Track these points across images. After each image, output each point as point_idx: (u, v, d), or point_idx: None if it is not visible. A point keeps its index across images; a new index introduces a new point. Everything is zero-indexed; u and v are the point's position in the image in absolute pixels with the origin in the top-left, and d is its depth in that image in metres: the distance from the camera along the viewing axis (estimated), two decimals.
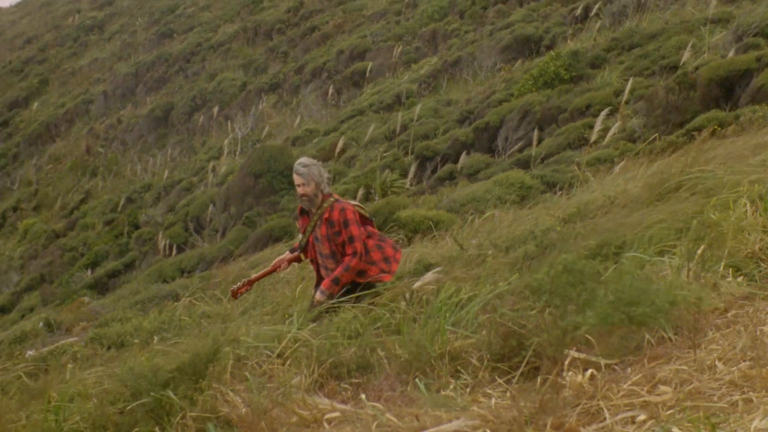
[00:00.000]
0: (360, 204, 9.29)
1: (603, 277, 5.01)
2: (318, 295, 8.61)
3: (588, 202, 11.32)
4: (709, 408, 3.92)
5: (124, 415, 5.28)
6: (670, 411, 4.02)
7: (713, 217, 6.74)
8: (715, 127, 15.67)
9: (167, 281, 24.34)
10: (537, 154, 21.40)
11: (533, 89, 25.67)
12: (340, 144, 28.78)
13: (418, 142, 26.49)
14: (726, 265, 5.89)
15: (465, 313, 5.90)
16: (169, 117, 47.41)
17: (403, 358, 5.43)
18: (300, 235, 9.19)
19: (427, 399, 4.70)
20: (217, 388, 5.41)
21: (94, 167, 46.90)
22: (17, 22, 77.74)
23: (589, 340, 4.76)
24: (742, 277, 5.80)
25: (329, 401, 4.98)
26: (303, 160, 8.84)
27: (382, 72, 38.46)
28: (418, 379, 5.08)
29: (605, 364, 4.67)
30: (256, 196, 27.08)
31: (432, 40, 38.91)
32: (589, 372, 4.54)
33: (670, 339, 4.81)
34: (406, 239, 15.05)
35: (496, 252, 9.35)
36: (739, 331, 4.77)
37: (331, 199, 8.82)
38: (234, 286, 9.82)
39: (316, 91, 40.47)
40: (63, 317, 22.39)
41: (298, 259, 9.42)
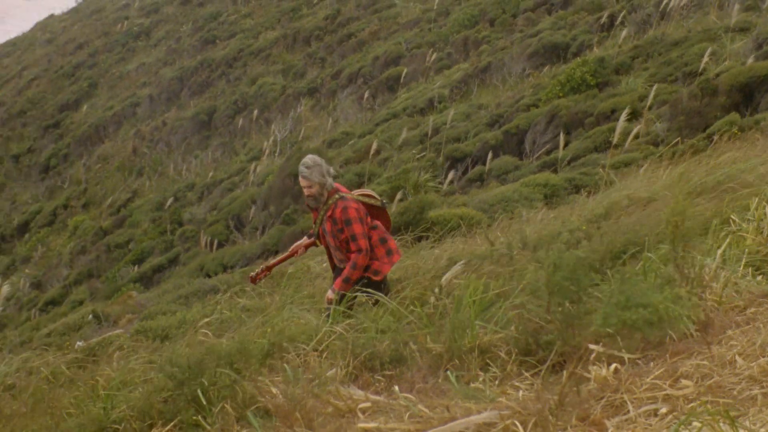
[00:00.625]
0: (368, 192, 9.30)
1: (616, 276, 4.98)
2: (329, 293, 8.62)
3: (613, 203, 11.28)
4: (729, 402, 3.90)
5: (167, 403, 5.30)
6: (691, 404, 4.01)
7: (733, 217, 6.70)
8: (735, 132, 15.59)
9: (209, 276, 24.42)
10: (564, 157, 21.31)
11: (560, 94, 25.59)
12: (375, 146, 28.76)
13: (450, 145, 26.46)
14: (745, 264, 5.86)
15: (494, 309, 5.90)
16: (211, 120, 47.51)
17: (434, 352, 5.43)
18: (313, 225, 9.23)
19: (457, 391, 4.70)
20: (256, 379, 5.42)
21: (140, 167, 47.08)
22: (69, 28, 78.05)
23: (613, 335, 4.74)
24: (761, 276, 5.77)
25: (363, 392, 4.98)
26: (306, 160, 8.86)
27: (416, 77, 38.41)
28: (448, 372, 5.08)
29: (628, 359, 4.66)
30: (294, 196, 27.10)
31: (463, 47, 38.83)
32: (613, 366, 4.53)
33: (692, 335, 4.79)
34: (437, 236, 15.01)
35: (524, 250, 9.32)
36: (758, 328, 4.74)
37: (336, 196, 8.86)
38: (253, 272, 9.90)
39: (352, 96, 40.46)
40: (110, 310, 22.48)
41: (313, 244, 9.56)
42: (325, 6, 53.87)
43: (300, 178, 8.86)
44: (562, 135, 21.99)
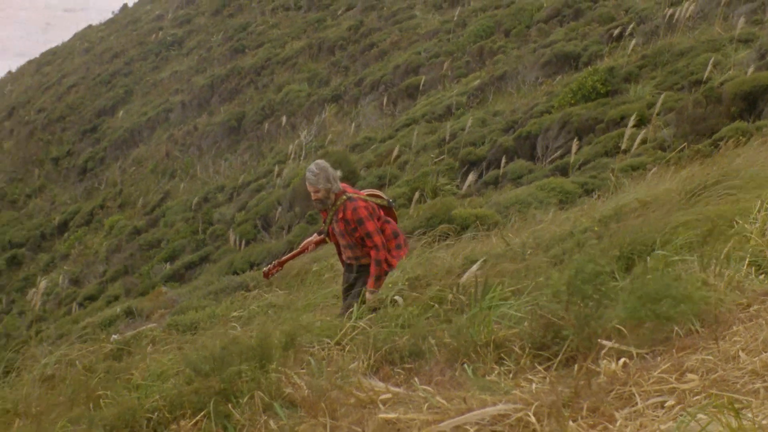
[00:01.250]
0: (376, 192, 9.30)
1: (631, 276, 4.99)
2: (368, 296, 8.60)
3: (622, 205, 11.26)
4: (733, 395, 3.89)
5: (198, 394, 5.31)
6: (697, 397, 4.01)
7: (737, 219, 6.69)
8: (739, 137, 15.56)
9: (238, 273, 24.43)
10: (575, 161, 21.30)
11: (572, 102, 25.56)
12: (395, 151, 28.78)
13: (466, 149, 26.45)
14: (749, 263, 5.85)
15: (509, 306, 5.90)
16: (240, 125, 47.58)
17: (451, 346, 5.43)
18: (323, 223, 9.25)
19: (473, 383, 4.70)
20: (282, 371, 5.43)
21: (172, 170, 47.19)
22: (106, 38, 78.35)
23: (622, 331, 4.75)
24: (764, 275, 5.77)
25: (384, 384, 4.98)
26: (312, 167, 8.85)
27: (434, 85, 38.39)
28: (465, 365, 5.08)
29: (637, 354, 4.66)
30: None
31: (480, 56, 38.80)
32: (622, 360, 4.53)
33: (697, 331, 4.78)
34: (455, 235, 15.00)
35: (537, 249, 9.32)
36: (761, 325, 4.74)
37: (343, 197, 8.85)
38: (265, 267, 9.92)
39: (373, 102, 40.46)
40: (144, 305, 22.54)
41: (323, 241, 9.59)
42: (348, 17, 53.90)
43: (307, 184, 8.88)
44: (574, 140, 22.00)
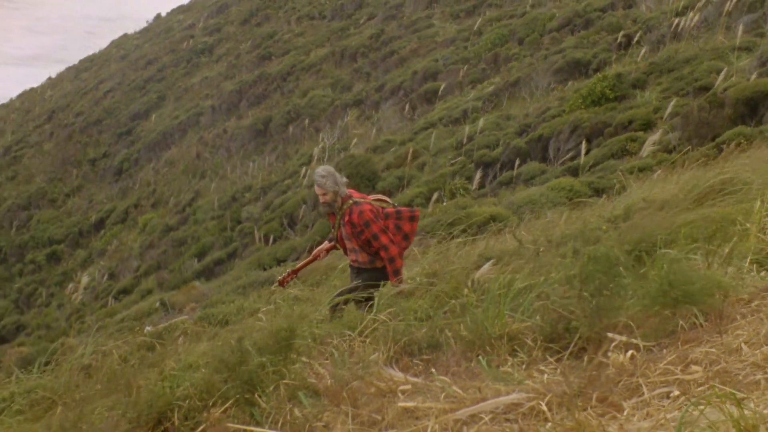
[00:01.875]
0: (382, 197, 9.26)
1: (643, 269, 4.98)
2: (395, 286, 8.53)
3: (630, 205, 11.22)
4: (735, 386, 3.89)
5: (227, 383, 5.33)
6: (701, 388, 4.01)
7: (739, 218, 6.68)
8: (741, 141, 15.50)
9: (264, 268, 24.51)
10: (585, 163, 21.27)
11: (582, 106, 25.52)
12: (414, 152, 28.78)
13: (482, 151, 26.44)
14: (750, 260, 5.84)
15: (521, 300, 5.89)
16: (267, 128, 47.66)
17: (467, 339, 5.43)
18: (332, 229, 9.22)
19: (488, 374, 4.70)
20: (306, 361, 5.44)
21: (203, 170, 47.32)
22: (140, 46, 78.60)
23: (630, 324, 4.74)
24: (765, 271, 5.75)
25: (403, 375, 4.99)
26: (320, 170, 8.80)
27: (451, 90, 38.39)
28: (480, 357, 5.08)
29: (644, 346, 4.65)
30: None
31: (495, 63, 38.76)
32: (630, 353, 4.53)
33: (701, 325, 4.78)
34: (471, 233, 14.97)
35: (548, 247, 9.29)
36: (762, 319, 4.73)
37: (350, 201, 8.79)
38: (280, 276, 9.88)
39: (393, 107, 40.47)
40: (176, 298, 22.64)
41: (334, 247, 9.47)
42: (370, 26, 53.94)
43: (315, 187, 8.81)
44: (584, 143, 21.97)
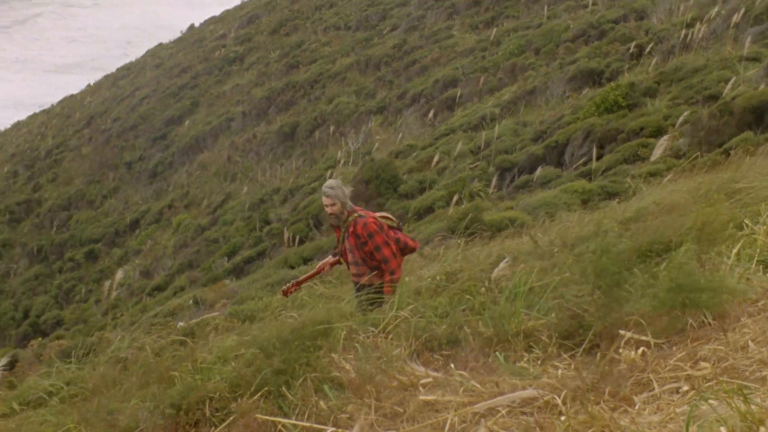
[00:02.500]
0: (386, 215, 9.23)
1: (655, 269, 4.97)
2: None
3: (641, 208, 11.20)
4: (742, 382, 3.88)
5: (256, 376, 5.34)
6: (709, 383, 4.00)
7: (747, 222, 6.66)
8: (748, 147, 15.44)
9: (292, 267, 24.53)
10: (598, 168, 21.23)
11: (596, 114, 25.46)
12: (436, 157, 28.79)
13: (500, 156, 26.43)
14: (757, 262, 5.83)
15: (537, 299, 5.90)
16: (294, 133, 47.72)
17: (485, 335, 5.43)
18: (337, 243, 9.23)
19: (505, 369, 4.71)
20: (332, 356, 5.46)
21: (233, 173, 47.42)
22: (175, 55, 78.79)
23: (641, 322, 4.74)
24: None
25: (424, 369, 5.00)
26: (330, 182, 8.85)
27: (471, 98, 38.36)
28: (497, 353, 5.09)
29: (654, 343, 4.65)
30: (365, 199, 27.16)
31: (512, 72, 38.70)
32: (641, 349, 4.53)
33: (710, 323, 4.77)
34: (489, 234, 14.97)
35: (563, 248, 9.28)
36: None
37: (355, 215, 8.81)
38: (284, 286, 9.87)
39: (415, 113, 40.47)
40: (207, 295, 22.68)
41: (338, 262, 9.46)
42: (393, 36, 53.93)
43: (324, 198, 8.81)
44: (597, 149, 21.94)
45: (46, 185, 59.12)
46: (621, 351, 4.51)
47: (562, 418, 3.88)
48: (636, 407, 3.94)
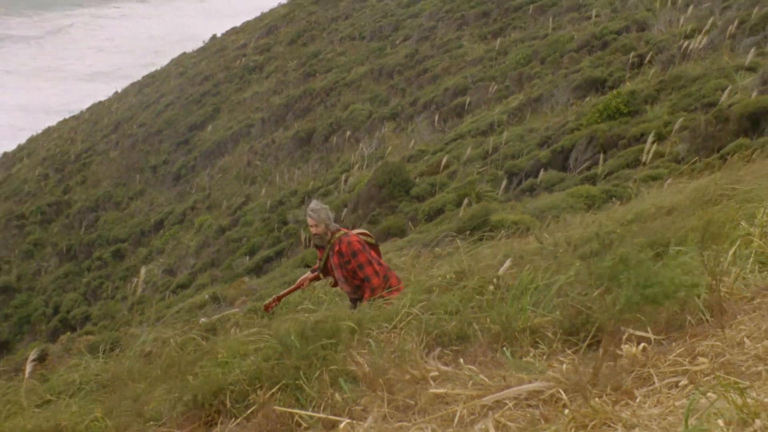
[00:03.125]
0: (365, 232, 9.20)
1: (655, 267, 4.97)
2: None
3: (642, 210, 11.19)
4: (739, 376, 3.88)
5: (274, 369, 5.36)
6: (707, 378, 4.00)
7: (743, 223, 6.65)
8: (744, 153, 15.42)
9: (309, 266, 24.54)
10: (601, 172, 21.23)
11: (599, 120, 25.45)
12: (445, 161, 28.80)
13: (507, 161, 26.43)
14: (753, 261, 5.82)
15: (543, 297, 5.89)
16: (311, 138, 47.79)
17: (493, 331, 5.43)
18: (318, 261, 9.18)
19: (512, 364, 4.71)
20: (347, 351, 5.46)
21: (253, 177, 47.48)
22: (197, 63, 78.92)
23: (641, 319, 4.74)
24: (767, 271, 5.73)
25: (435, 363, 5.00)
26: (313, 205, 8.81)
27: (479, 105, 38.36)
28: (505, 348, 5.09)
29: (655, 339, 4.64)
30: (379, 202, 27.19)
31: (519, 81, 38.69)
32: (642, 345, 4.52)
33: (707, 320, 4.76)
34: (496, 237, 14.96)
35: (567, 248, 9.27)
36: (764, 315, 4.72)
37: (338, 234, 8.77)
38: (266, 301, 9.83)
39: (426, 120, 40.48)
40: (228, 293, 22.71)
41: (317, 278, 9.37)
42: (405, 46, 53.95)
43: (308, 219, 8.79)
44: (601, 154, 21.92)
45: (75, 187, 59.28)
46: (622, 346, 4.51)
47: (566, 411, 3.88)
48: (637, 401, 3.95)
